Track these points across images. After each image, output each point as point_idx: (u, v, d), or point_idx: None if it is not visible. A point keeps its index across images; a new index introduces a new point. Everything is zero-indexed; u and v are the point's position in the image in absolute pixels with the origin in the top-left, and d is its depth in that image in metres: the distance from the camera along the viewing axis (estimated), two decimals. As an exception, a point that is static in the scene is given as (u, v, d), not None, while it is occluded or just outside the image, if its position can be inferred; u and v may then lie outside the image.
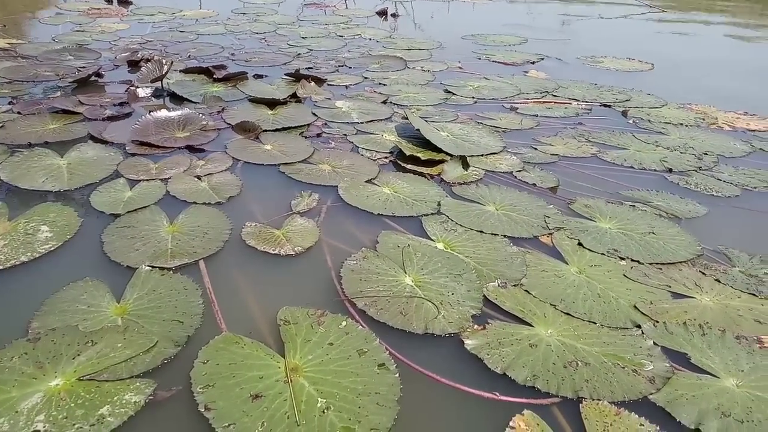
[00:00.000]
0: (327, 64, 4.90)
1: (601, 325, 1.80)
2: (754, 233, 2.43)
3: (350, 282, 1.95)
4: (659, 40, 6.73)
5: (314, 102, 3.87)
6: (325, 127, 3.43)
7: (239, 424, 1.37)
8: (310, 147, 3.09)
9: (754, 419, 1.45)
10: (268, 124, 3.40)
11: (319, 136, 3.30)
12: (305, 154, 3.00)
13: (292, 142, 3.16)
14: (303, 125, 3.43)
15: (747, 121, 3.81)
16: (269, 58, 5.01)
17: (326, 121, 3.53)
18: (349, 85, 4.31)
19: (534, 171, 2.93)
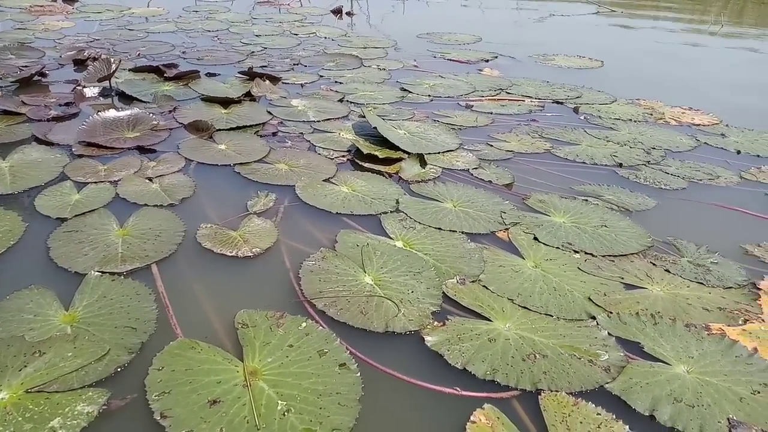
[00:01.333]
0: (282, 63, 4.84)
1: (557, 317, 1.83)
2: (701, 224, 2.53)
3: (309, 282, 1.93)
4: (608, 38, 6.92)
5: (269, 101, 3.82)
6: (281, 126, 3.39)
7: (197, 430, 1.34)
8: (265, 146, 3.05)
9: (703, 403, 1.51)
10: (222, 123, 3.34)
11: (275, 135, 3.26)
12: (261, 154, 2.95)
13: (247, 142, 3.11)
14: (258, 124, 3.38)
15: (692, 116, 3.95)
16: (222, 57, 4.92)
17: (282, 119, 3.49)
18: (304, 84, 4.28)
19: (490, 168, 2.96)
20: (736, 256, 2.24)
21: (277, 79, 4.23)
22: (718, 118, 3.90)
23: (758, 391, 1.55)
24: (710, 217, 2.60)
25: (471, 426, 1.41)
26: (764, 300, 1.96)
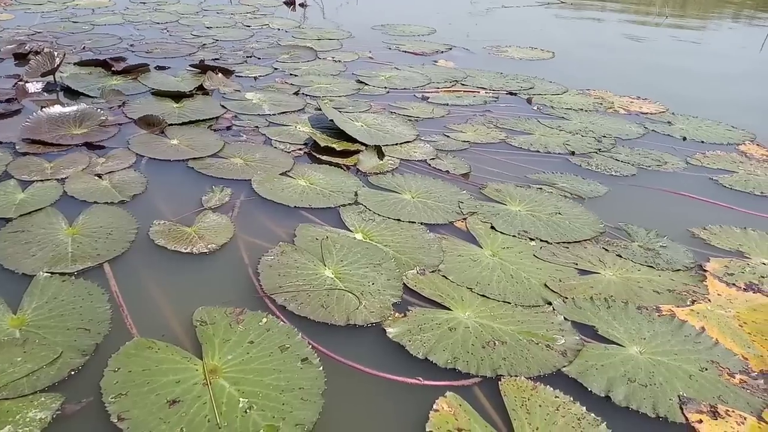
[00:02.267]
0: (234, 55, 4.75)
1: (515, 304, 1.87)
2: (650, 209, 2.61)
3: (268, 278, 1.91)
4: (558, 29, 7.04)
5: (222, 94, 3.74)
6: (235, 120, 3.33)
7: (156, 431, 1.31)
8: (220, 140, 2.99)
9: (655, 382, 1.56)
10: (174, 117, 3.25)
11: (229, 129, 3.20)
12: (215, 148, 2.89)
13: (201, 136, 3.05)
14: (211, 118, 3.31)
15: (640, 105, 4.07)
16: (172, 49, 4.79)
17: (236, 113, 3.43)
18: (258, 77, 4.21)
19: (447, 158, 2.99)
20: (683, 239, 2.33)
21: (230, 72, 4.15)
22: (665, 107, 4.03)
23: (706, 368, 1.62)
24: (659, 203, 2.69)
25: (434, 414, 1.42)
26: (710, 281, 2.04)
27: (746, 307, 1.92)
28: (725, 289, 2.01)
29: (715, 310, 1.89)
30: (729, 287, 2.02)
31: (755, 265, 2.16)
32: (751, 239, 2.34)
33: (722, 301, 1.94)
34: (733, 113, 3.97)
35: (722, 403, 1.51)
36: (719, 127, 3.71)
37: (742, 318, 1.86)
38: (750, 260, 2.20)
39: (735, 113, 3.98)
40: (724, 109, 4.06)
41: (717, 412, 1.48)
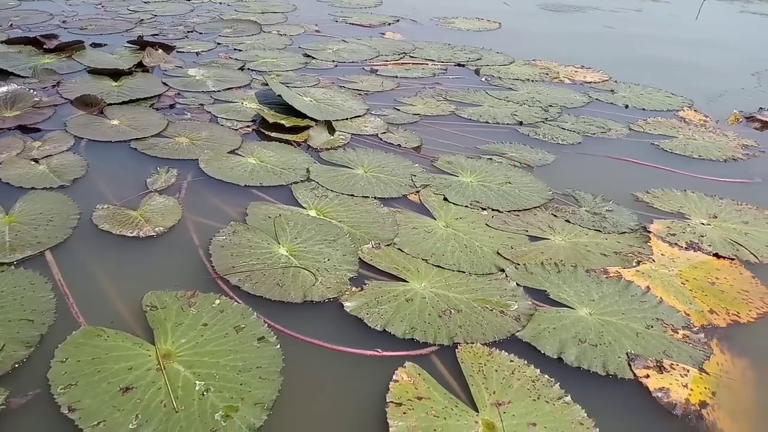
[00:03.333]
0: (175, 30, 4.58)
1: (469, 273, 1.89)
2: (596, 175, 2.68)
3: (221, 258, 1.87)
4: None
5: (164, 71, 3.61)
6: (179, 98, 3.22)
7: (110, 420, 1.28)
8: (163, 119, 2.89)
9: (605, 341, 1.62)
10: (113, 96, 3.12)
11: (173, 108, 3.09)
12: (158, 128, 2.79)
13: (143, 116, 2.93)
14: (153, 96, 3.19)
15: (584, 74, 4.15)
16: (108, 25, 4.58)
17: (179, 90, 3.32)
18: (201, 52, 4.08)
19: (398, 132, 2.98)
20: (627, 203, 2.40)
21: (170, 48, 4.00)
22: (608, 75, 4.13)
23: (651, 326, 1.69)
24: (604, 169, 2.77)
25: (394, 385, 1.44)
26: (654, 242, 2.12)
27: (688, 265, 2.00)
28: (668, 249, 2.09)
29: (659, 269, 1.96)
30: (671, 247, 2.10)
31: (695, 225, 2.26)
32: (691, 201, 2.44)
33: (665, 261, 2.02)
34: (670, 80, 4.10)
35: (667, 358, 1.58)
36: (659, 94, 3.82)
37: (684, 276, 1.94)
38: (690, 221, 2.29)
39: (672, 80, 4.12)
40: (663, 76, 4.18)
41: (662, 367, 1.54)
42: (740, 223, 2.29)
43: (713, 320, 1.75)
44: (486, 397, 1.42)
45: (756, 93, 4.12)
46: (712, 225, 2.26)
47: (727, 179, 2.70)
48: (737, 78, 4.46)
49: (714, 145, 3.05)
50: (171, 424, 1.28)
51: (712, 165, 2.85)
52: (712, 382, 1.52)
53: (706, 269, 1.99)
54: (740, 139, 3.16)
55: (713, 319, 1.75)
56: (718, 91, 4.08)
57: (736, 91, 4.15)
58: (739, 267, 2.01)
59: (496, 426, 1.34)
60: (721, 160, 2.91)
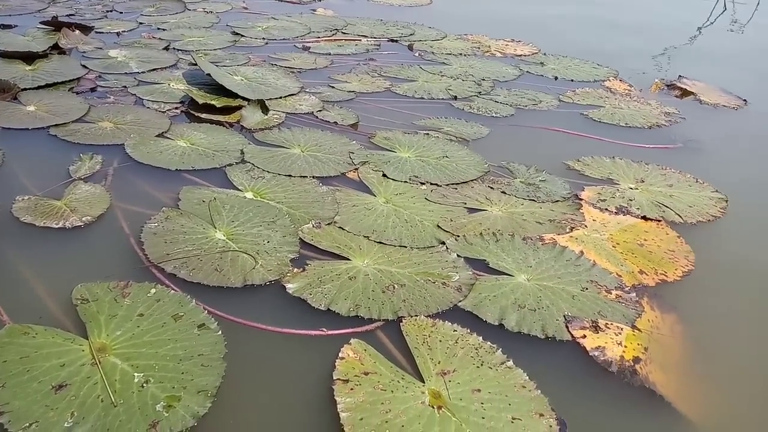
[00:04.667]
0: (92, 10, 4.33)
1: (410, 247, 1.90)
2: (529, 146, 2.74)
3: (154, 246, 1.80)
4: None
5: (82, 53, 3.41)
6: (100, 80, 3.06)
7: (43, 420, 1.21)
8: (84, 104, 2.73)
9: (543, 306, 1.67)
10: (28, 81, 2.93)
11: (94, 91, 2.94)
12: (79, 113, 2.65)
13: (61, 100, 2.77)
14: (72, 80, 3.02)
15: (514, 48, 4.22)
16: (17, 5, 4.29)
17: (100, 73, 3.15)
18: (122, 32, 3.88)
19: (334, 109, 2.94)
20: (560, 172, 2.47)
21: (88, 28, 3.78)
22: (538, 48, 4.21)
23: (586, 288, 1.76)
24: (536, 139, 2.84)
25: (340, 362, 1.43)
26: (586, 208, 2.20)
27: (618, 229, 2.09)
28: (599, 214, 2.17)
29: (591, 234, 2.04)
30: (602, 212, 2.18)
31: (623, 190, 2.35)
32: (619, 167, 2.54)
33: (597, 226, 2.09)
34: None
35: (602, 318, 1.64)
36: (586, 65, 3.93)
37: (615, 239, 2.02)
38: (619, 186, 2.38)
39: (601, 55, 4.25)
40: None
41: (598, 327, 1.61)
42: (665, 186, 2.40)
43: (643, 280, 1.83)
44: (431, 368, 1.44)
45: (676, 62, 4.32)
46: (640, 189, 2.36)
47: (652, 145, 2.82)
48: (660, 48, 4.65)
49: (639, 113, 3.18)
50: (110, 419, 1.23)
51: (637, 132, 2.97)
52: (644, 338, 1.60)
53: (635, 232, 2.08)
54: (662, 106, 3.30)
55: (643, 279, 1.83)
56: (641, 60, 4.24)
57: (659, 60, 4.33)
58: (665, 228, 2.11)
59: (442, 395, 1.37)
60: (645, 127, 3.03)
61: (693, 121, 3.16)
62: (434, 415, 1.31)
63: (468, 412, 1.32)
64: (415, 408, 1.33)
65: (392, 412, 1.31)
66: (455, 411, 1.32)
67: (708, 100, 3.49)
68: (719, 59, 4.57)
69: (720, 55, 4.71)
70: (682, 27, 5.48)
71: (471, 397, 1.36)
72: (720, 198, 2.35)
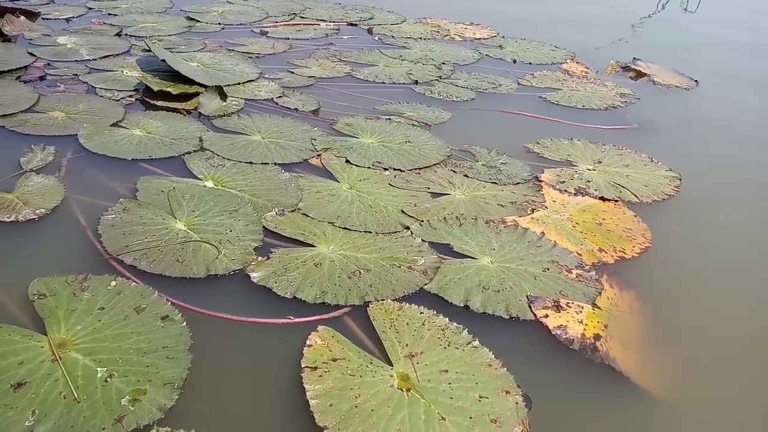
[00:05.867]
0: (37, -6, 4.15)
1: (375, 233, 1.91)
2: (490, 130, 2.77)
3: (112, 238, 1.75)
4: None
5: (28, 40, 3.28)
6: (49, 68, 2.94)
7: (2, 420, 1.18)
8: (33, 93, 2.63)
9: (506, 287, 1.70)
10: (-29, 70, 2.80)
11: (43, 79, 2.83)
12: (28, 102, 2.55)
13: (8, 90, 2.66)
14: (19, 68, 2.90)
15: (474, 31, 4.24)
16: (-45, -11, 4.06)
17: (49, 60, 3.03)
18: (70, 18, 3.74)
19: (294, 95, 2.91)
20: (520, 154, 2.51)
21: (34, 14, 3.63)
22: (496, 31, 4.24)
23: (548, 268, 1.79)
24: (497, 123, 2.87)
25: (308, 350, 1.43)
26: (546, 190, 2.24)
27: (577, 209, 2.13)
28: (559, 195, 2.21)
29: (551, 215, 2.08)
30: (562, 194, 2.23)
31: (582, 171, 2.40)
32: (577, 149, 2.59)
33: (557, 207, 2.14)
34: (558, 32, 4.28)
35: (563, 297, 1.68)
36: (544, 48, 3.98)
37: (574, 219, 2.07)
38: (577, 167, 2.43)
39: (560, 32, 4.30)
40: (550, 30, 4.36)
41: (560, 306, 1.65)
42: (622, 166, 2.46)
43: (602, 258, 1.88)
44: (399, 351, 1.45)
45: (631, 44, 4.41)
46: (597, 170, 2.42)
47: (608, 126, 2.89)
48: (615, 30, 4.75)
49: (595, 95, 3.24)
50: (73, 415, 1.20)
51: (594, 114, 3.04)
52: (604, 315, 1.65)
53: (594, 211, 2.13)
54: (618, 88, 3.38)
55: (602, 257, 1.89)
56: (597, 42, 4.32)
57: (614, 42, 4.42)
58: (622, 207, 2.17)
59: (411, 377, 1.38)
60: (602, 108, 3.10)
61: (647, 102, 3.24)
62: (403, 397, 1.33)
63: (436, 393, 1.34)
64: (384, 392, 1.34)
65: (361, 397, 1.31)
66: (424, 392, 1.34)
67: (662, 81, 3.59)
68: (671, 40, 4.69)
69: (670, 37, 4.83)
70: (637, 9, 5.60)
71: (439, 377, 1.38)
72: (674, 177, 2.42)
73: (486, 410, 1.31)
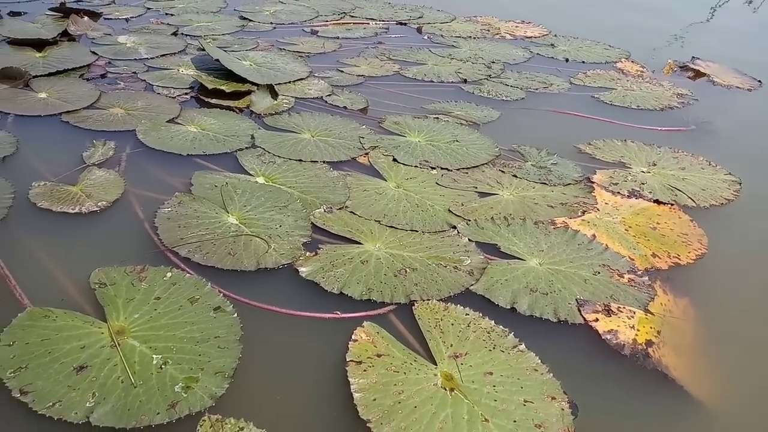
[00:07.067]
0: (100, -5, 4.32)
1: (422, 231, 1.91)
2: (540, 129, 2.73)
3: (168, 230, 1.82)
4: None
5: (91, 39, 3.41)
6: (110, 67, 3.06)
7: (66, 400, 1.24)
8: (95, 90, 2.74)
9: (555, 290, 1.68)
10: (39, 68, 2.93)
11: (104, 77, 2.94)
12: (90, 99, 2.66)
13: (72, 87, 2.78)
14: (82, 66, 3.02)
15: (524, 30, 4.18)
16: (25, -9, 4.27)
17: (110, 59, 3.15)
18: (130, 18, 3.88)
19: (343, 94, 2.94)
20: (571, 155, 2.46)
21: (97, 14, 3.78)
22: (548, 30, 4.17)
23: (598, 272, 1.76)
24: (547, 123, 2.82)
25: (353, 344, 1.45)
26: (598, 191, 2.19)
27: (630, 212, 2.08)
28: (611, 197, 2.17)
29: (603, 218, 2.04)
30: (614, 196, 2.18)
31: (635, 173, 2.34)
32: (631, 150, 2.52)
33: (609, 209, 2.09)
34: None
35: (614, 302, 1.65)
36: (598, 46, 3.89)
37: (627, 223, 2.02)
38: (631, 169, 2.37)
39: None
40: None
41: (610, 310, 1.62)
42: (678, 169, 2.39)
43: (656, 263, 1.83)
44: (444, 351, 1.45)
45: (690, 43, 4.26)
46: (652, 173, 2.35)
47: (664, 128, 2.80)
48: (673, 29, 4.59)
49: (651, 95, 3.15)
50: (130, 399, 1.26)
51: (649, 114, 2.95)
52: (656, 321, 1.60)
53: (648, 215, 2.07)
54: (675, 88, 3.27)
55: (656, 262, 1.83)
56: (653, 42, 4.19)
57: (672, 41, 4.28)
58: (678, 211, 2.11)
59: (455, 377, 1.38)
60: (657, 109, 3.01)
61: (706, 103, 3.13)
62: (447, 396, 1.33)
63: (480, 395, 1.34)
64: (428, 390, 1.34)
65: (405, 394, 1.32)
66: (467, 393, 1.34)
67: (722, 81, 3.45)
68: (733, 39, 4.51)
69: (734, 35, 4.64)
70: (696, 8, 5.40)
71: (483, 380, 1.38)
72: (733, 181, 2.33)
73: (530, 415, 1.30)
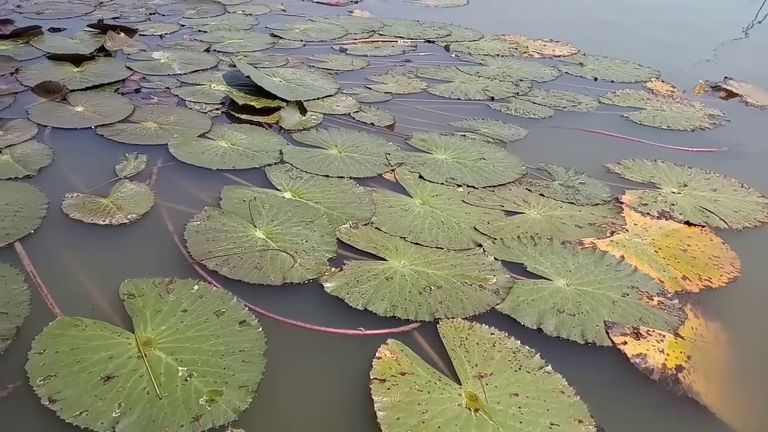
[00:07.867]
0: (136, 13, 4.45)
1: (447, 249, 1.90)
2: (568, 148, 2.71)
3: (196, 244, 1.84)
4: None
5: (127, 55, 3.51)
6: (144, 82, 3.14)
7: (92, 409, 1.26)
8: (129, 104, 2.82)
9: (582, 311, 1.65)
10: (76, 82, 3.03)
11: (138, 92, 3.02)
12: (124, 113, 2.73)
13: (108, 101, 2.86)
14: (117, 81, 3.11)
15: (553, 48, 4.17)
16: (66, 9, 4.43)
17: (144, 74, 3.23)
18: (164, 35, 3.97)
19: (371, 110, 2.96)
20: (600, 174, 2.43)
21: (132, 30, 3.89)
22: (576, 48, 4.15)
23: (627, 294, 1.73)
24: (575, 141, 2.80)
25: (377, 362, 1.44)
26: (627, 212, 2.16)
27: (660, 233, 2.05)
28: (640, 218, 2.13)
29: (632, 239, 2.00)
30: (644, 216, 2.14)
31: (666, 194, 2.30)
32: (661, 170, 2.49)
33: (638, 230, 2.06)
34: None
35: (643, 325, 1.62)
36: (627, 66, 3.86)
37: (657, 244, 1.98)
38: (661, 190, 2.34)
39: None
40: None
41: (639, 333, 1.58)
42: (709, 191, 2.34)
43: (686, 286, 1.79)
44: (468, 370, 1.44)
45: (721, 63, 4.20)
46: (683, 194, 2.31)
47: (695, 149, 2.76)
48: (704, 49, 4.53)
49: (681, 116, 3.10)
50: (155, 410, 1.27)
51: (680, 135, 2.91)
52: (687, 346, 1.57)
53: (678, 237, 2.04)
54: (707, 108, 3.22)
55: (686, 285, 1.80)
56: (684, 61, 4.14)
57: (702, 61, 4.22)
58: (709, 233, 2.06)
59: (479, 397, 1.36)
60: (688, 130, 2.96)
61: (738, 124, 3.07)
62: (471, 417, 1.31)
63: (505, 416, 1.32)
64: (452, 410, 1.33)
65: (429, 413, 1.31)
66: (492, 414, 1.32)
67: (755, 102, 3.39)
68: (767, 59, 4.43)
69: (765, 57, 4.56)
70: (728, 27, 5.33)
71: (509, 401, 1.36)
72: (767, 203, 2.28)
73: (557, 437, 1.27)
